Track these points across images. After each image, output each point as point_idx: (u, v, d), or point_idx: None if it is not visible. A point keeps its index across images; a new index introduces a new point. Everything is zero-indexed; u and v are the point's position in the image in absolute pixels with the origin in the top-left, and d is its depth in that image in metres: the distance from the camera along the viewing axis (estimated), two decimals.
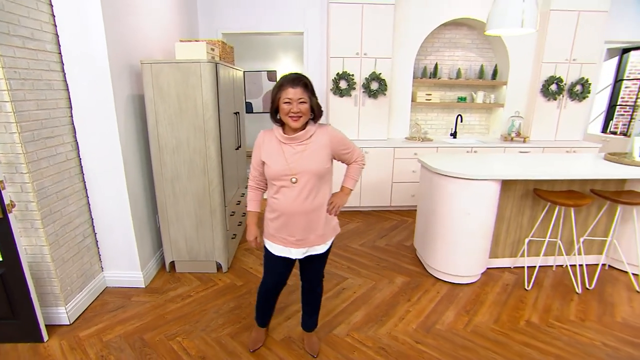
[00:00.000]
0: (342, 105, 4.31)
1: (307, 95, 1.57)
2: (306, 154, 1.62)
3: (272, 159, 1.64)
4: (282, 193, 1.66)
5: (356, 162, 1.82)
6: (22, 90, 2.01)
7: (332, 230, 1.81)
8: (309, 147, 1.63)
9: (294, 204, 1.65)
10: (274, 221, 1.73)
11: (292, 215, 1.67)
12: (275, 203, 1.70)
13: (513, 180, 2.86)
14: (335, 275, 2.94)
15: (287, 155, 1.62)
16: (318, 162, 1.63)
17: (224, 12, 4.31)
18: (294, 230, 1.70)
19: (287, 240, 1.72)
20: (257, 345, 2.10)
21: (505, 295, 2.68)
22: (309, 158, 1.62)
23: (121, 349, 2.07)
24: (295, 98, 1.54)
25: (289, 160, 1.62)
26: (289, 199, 1.65)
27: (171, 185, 2.73)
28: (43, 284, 2.21)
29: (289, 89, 1.54)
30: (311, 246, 1.75)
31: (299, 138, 1.62)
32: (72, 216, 2.37)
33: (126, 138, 2.53)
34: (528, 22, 2.27)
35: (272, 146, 1.66)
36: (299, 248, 1.73)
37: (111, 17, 2.34)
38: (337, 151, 1.71)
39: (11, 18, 1.95)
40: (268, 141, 1.68)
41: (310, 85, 1.60)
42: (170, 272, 2.93)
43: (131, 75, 2.61)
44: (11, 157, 2.01)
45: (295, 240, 1.71)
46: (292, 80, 1.55)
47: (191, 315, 2.40)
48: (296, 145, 1.63)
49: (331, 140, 1.67)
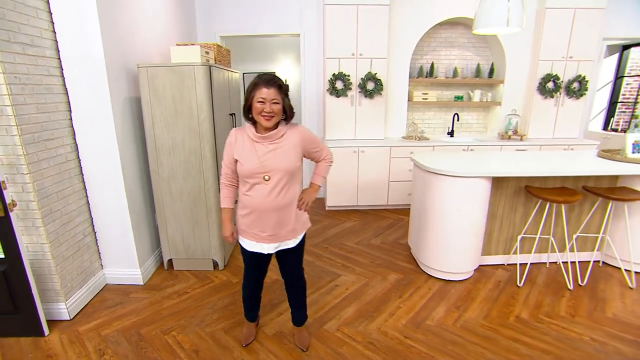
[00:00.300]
0: (338, 106, 4.36)
1: (281, 97, 1.62)
2: (278, 152, 1.68)
3: (245, 157, 1.69)
4: (255, 190, 1.71)
5: (325, 160, 1.91)
6: (22, 95, 2.10)
7: (303, 225, 1.87)
8: (280, 146, 1.69)
9: (266, 201, 1.70)
10: (246, 217, 1.78)
11: (264, 211, 1.72)
12: (247, 200, 1.74)
13: (505, 178, 2.89)
14: (329, 272, 2.99)
15: (260, 153, 1.68)
16: (290, 160, 1.70)
17: (221, 15, 4.40)
18: (266, 226, 1.75)
19: (258, 236, 1.78)
20: (248, 339, 2.15)
21: (497, 292, 2.71)
22: (281, 156, 1.68)
23: (118, 343, 2.15)
24: (269, 98, 1.59)
25: (261, 159, 1.67)
26: (261, 196, 1.70)
27: (168, 185, 2.81)
28: (44, 281, 2.29)
29: (264, 89, 1.59)
30: (282, 241, 1.81)
31: (271, 137, 1.68)
32: (72, 215, 2.46)
33: (123, 139, 2.62)
34: (513, 21, 2.29)
35: (245, 144, 1.71)
36: (271, 243, 1.79)
37: (108, 23, 2.43)
38: (308, 150, 1.80)
39: (11, 26, 2.04)
40: (240, 139, 1.73)
41: (284, 86, 1.66)
42: (168, 270, 3.01)
43: (128, 78, 2.69)
44: (12, 159, 2.09)
45: (267, 235, 1.77)
46: (266, 81, 1.60)
47: (187, 311, 2.47)
48: (268, 143, 1.69)
49: (302, 140, 1.75)
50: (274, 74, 1.68)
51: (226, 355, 2.06)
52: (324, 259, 3.22)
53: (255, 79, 1.64)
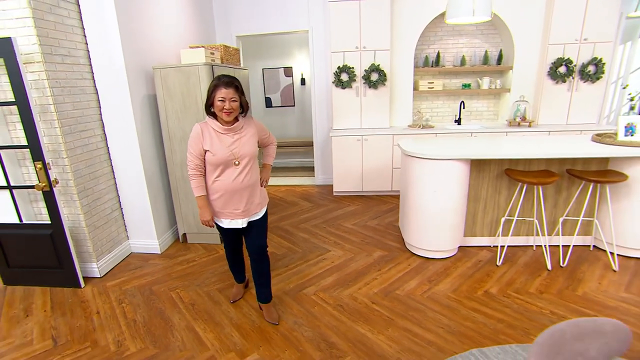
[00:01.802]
0: (344, 97, 4.61)
1: (238, 95, 1.91)
2: (243, 141, 2.00)
3: (215, 147, 1.94)
4: (225, 174, 1.99)
5: (272, 143, 2.31)
6: (62, 95, 2.64)
7: (265, 199, 2.24)
8: (243, 136, 2.01)
9: (237, 182, 2.01)
10: (219, 200, 2.04)
11: (236, 191, 2.02)
12: (218, 184, 2.01)
13: (487, 161, 3.00)
14: (321, 248, 3.31)
15: (228, 143, 1.96)
16: (252, 146, 2.04)
17: (237, 16, 4.81)
18: (239, 203, 2.05)
19: (233, 214, 2.07)
20: (236, 297, 2.55)
21: (474, 270, 2.86)
22: (246, 144, 2.01)
23: (133, 295, 2.65)
24: (228, 97, 1.87)
25: (230, 147, 1.96)
26: (232, 178, 2.00)
27: (180, 169, 3.28)
28: (80, 244, 2.86)
29: (223, 89, 1.86)
30: (253, 214, 2.14)
31: (234, 129, 1.98)
32: (102, 193, 3.01)
33: (142, 131, 3.11)
34: (479, 11, 2.42)
35: (212, 137, 1.95)
36: (244, 218, 2.10)
37: (127, 35, 2.91)
38: (261, 136, 2.17)
39: (53, 42, 2.57)
40: (207, 133, 1.95)
41: (240, 87, 1.95)
42: (182, 242, 3.50)
43: (146, 78, 3.18)
44: (55, 146, 2.65)
45: (240, 212, 2.07)
46: (225, 82, 1.88)
47: (191, 274, 2.92)
48: (233, 134, 1.98)
49: (258, 130, 2.12)
50: (231, 77, 1.94)
51: (216, 308, 2.47)
52: (319, 237, 3.54)
53: (215, 81, 1.91)
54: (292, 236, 3.59)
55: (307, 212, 4.23)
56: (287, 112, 6.29)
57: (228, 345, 2.12)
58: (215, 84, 1.90)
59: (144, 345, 2.15)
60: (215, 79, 1.93)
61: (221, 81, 1.89)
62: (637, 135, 2.88)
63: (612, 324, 1.13)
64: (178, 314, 2.43)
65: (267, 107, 6.24)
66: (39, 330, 2.32)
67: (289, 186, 5.32)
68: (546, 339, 1.05)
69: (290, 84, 6.09)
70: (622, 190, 2.85)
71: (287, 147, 6.11)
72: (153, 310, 2.48)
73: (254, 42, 5.95)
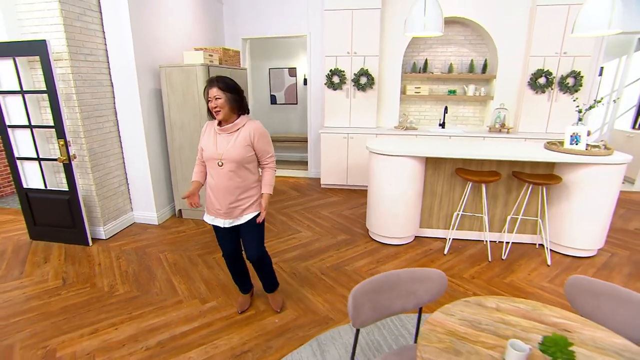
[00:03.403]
0: (335, 98, 5.03)
1: (222, 92, 1.90)
2: (231, 144, 1.96)
3: (206, 145, 2.03)
4: (211, 172, 2.04)
5: (268, 166, 2.11)
6: (83, 87, 3.23)
7: (253, 207, 2.10)
8: (234, 139, 1.97)
9: (220, 182, 2.00)
10: (207, 195, 2.11)
11: (218, 190, 2.02)
12: (208, 180, 2.08)
13: (442, 160, 3.35)
14: (293, 229, 3.76)
15: (219, 143, 1.98)
16: (239, 152, 1.95)
17: (243, 20, 5.33)
18: (220, 204, 2.04)
19: (217, 212, 2.08)
20: (243, 308, 2.43)
21: (422, 256, 3.23)
22: (233, 148, 1.96)
23: (129, 254, 3.21)
24: (212, 95, 1.91)
25: (218, 148, 1.98)
26: (216, 178, 2.01)
27: (179, 154, 3.82)
28: (91, 210, 3.45)
29: (208, 89, 1.92)
30: (235, 217, 2.08)
31: (227, 129, 1.98)
32: (112, 169, 3.60)
33: (148, 119, 3.68)
34: (430, 27, 2.79)
35: (210, 135, 2.04)
36: (225, 219, 2.07)
37: (139, 38, 3.46)
38: (256, 145, 2.01)
39: (78, 43, 3.15)
40: (208, 131, 2.06)
41: (226, 85, 1.92)
42: (178, 217, 4.06)
43: (154, 75, 3.74)
44: (75, 127, 3.24)
45: (222, 212, 2.06)
46: (210, 81, 1.93)
47: (179, 242, 3.46)
48: (226, 135, 1.99)
49: (252, 134, 1.99)
50: (219, 76, 1.95)
51: (192, 268, 2.98)
52: (295, 220, 3.99)
53: (206, 83, 1.96)
54: (272, 218, 4.07)
55: (292, 200, 4.69)
56: (289, 109, 6.77)
57: (195, 294, 2.62)
58: (205, 87, 1.97)
59: (130, 289, 2.69)
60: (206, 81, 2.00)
61: (208, 81, 1.95)
62: (581, 144, 3.14)
63: (437, 273, 1.52)
64: (161, 269, 2.96)
65: (271, 104, 6.75)
66: (53, 273, 2.92)
67: (283, 177, 5.80)
68: (384, 277, 1.46)
69: (293, 83, 6.57)
70: (562, 193, 3.13)
71: (288, 142, 6.60)
72: (142, 265, 3.02)
73: (262, 44, 6.46)
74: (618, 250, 3.31)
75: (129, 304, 2.51)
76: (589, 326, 1.23)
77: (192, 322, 2.31)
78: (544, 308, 1.34)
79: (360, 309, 1.35)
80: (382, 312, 1.43)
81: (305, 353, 2.05)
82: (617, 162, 2.92)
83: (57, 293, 2.65)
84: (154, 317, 2.36)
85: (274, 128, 7.00)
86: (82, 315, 2.39)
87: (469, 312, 1.30)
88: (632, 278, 2.85)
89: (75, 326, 2.28)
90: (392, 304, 1.45)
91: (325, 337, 2.18)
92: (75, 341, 2.15)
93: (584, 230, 3.08)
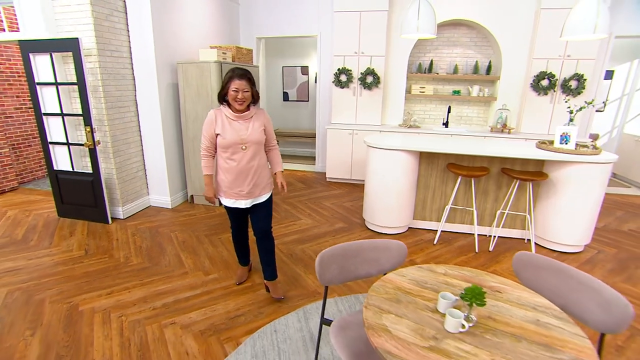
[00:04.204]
0: (342, 95, 5.25)
1: (249, 86, 2.09)
2: (251, 128, 2.18)
3: (226, 132, 2.14)
4: (234, 157, 2.17)
5: (274, 147, 2.39)
6: (108, 80, 3.58)
7: (269, 185, 2.38)
8: (252, 124, 2.19)
9: (242, 165, 2.18)
10: (225, 180, 2.23)
11: (241, 173, 2.19)
12: (226, 166, 2.20)
13: (435, 155, 3.52)
14: (295, 216, 4.02)
15: (237, 129, 2.15)
16: (259, 134, 2.21)
17: (258, 20, 5.62)
18: (243, 185, 2.22)
19: (238, 195, 2.24)
20: (241, 279, 2.70)
21: (412, 245, 3.42)
22: (253, 132, 2.18)
23: (144, 232, 3.55)
24: (241, 88, 2.05)
25: (239, 133, 2.15)
26: (239, 162, 2.17)
27: (192, 143, 4.14)
28: (111, 192, 3.82)
29: (237, 80, 2.04)
30: (256, 196, 2.30)
31: (244, 116, 2.17)
32: (131, 155, 3.95)
33: (165, 110, 4.01)
34: (423, 29, 2.98)
35: (224, 122, 2.14)
36: (247, 199, 2.27)
37: (159, 36, 3.80)
38: (267, 129, 2.29)
39: (105, 41, 3.51)
40: (220, 118, 2.15)
41: (252, 78, 2.12)
42: (190, 202, 4.39)
43: (171, 70, 4.07)
44: (100, 116, 3.60)
45: (245, 193, 2.24)
46: (239, 75, 2.05)
47: (189, 224, 3.77)
48: (243, 121, 2.17)
49: (266, 122, 2.28)
50: (244, 69, 2.11)
51: (199, 245, 3.28)
52: (298, 209, 4.25)
53: (230, 72, 2.08)
54: (277, 206, 4.34)
55: (297, 191, 4.95)
56: (301, 106, 7.04)
57: (199, 267, 2.92)
58: (230, 76, 2.08)
59: (142, 261, 3.01)
60: (229, 71, 2.10)
61: (235, 73, 2.06)
62: (570, 143, 3.25)
63: (397, 244, 1.74)
64: (171, 246, 3.27)
65: (284, 100, 7.03)
66: (77, 245, 3.28)
67: (291, 171, 6.07)
68: (349, 245, 1.69)
69: (305, 81, 6.82)
70: (550, 190, 3.26)
71: (298, 137, 6.87)
72: (155, 242, 3.35)
73: (276, 43, 6.74)
74: (606, 248, 3.40)
75: (141, 272, 2.83)
76: (518, 289, 1.43)
77: (195, 290, 2.61)
78: (486, 275, 1.54)
79: (327, 269, 1.59)
80: (347, 275, 1.66)
81: (292, 319, 2.30)
82: (603, 162, 3.03)
83: (80, 261, 3.00)
84: (162, 284, 2.67)
85: (285, 124, 7.28)
86: (101, 279, 2.73)
87: (418, 275, 1.52)
88: (612, 273, 2.96)
89: (95, 288, 2.61)
90: (357, 269, 1.68)
91: (311, 307, 2.42)
92: (94, 299, 2.48)
93: (570, 226, 3.20)
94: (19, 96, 5.10)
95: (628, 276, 2.91)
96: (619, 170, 5.86)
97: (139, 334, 2.15)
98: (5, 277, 2.73)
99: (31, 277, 2.74)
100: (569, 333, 1.18)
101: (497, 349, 1.11)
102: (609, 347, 2.12)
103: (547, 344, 1.13)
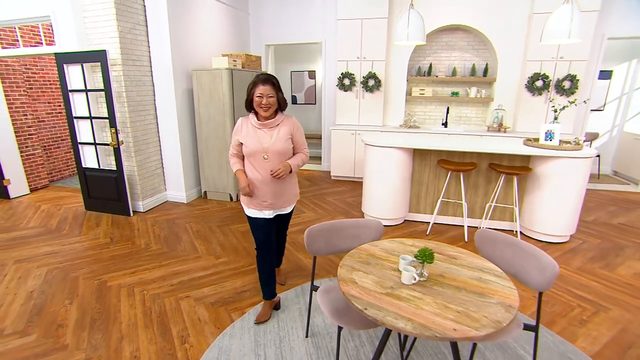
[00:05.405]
0: (346, 98, 5.56)
1: (274, 91, 2.00)
2: (275, 137, 2.07)
3: (248, 140, 2.07)
4: (256, 166, 2.09)
5: (302, 152, 2.22)
6: (130, 86, 3.99)
7: (294, 197, 2.29)
8: (276, 132, 2.08)
9: (264, 175, 2.08)
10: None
11: (263, 183, 2.09)
12: (249, 174, 2.12)
13: (428, 151, 3.79)
14: (300, 210, 4.34)
15: (261, 137, 2.07)
16: (283, 144, 2.08)
17: (266, 28, 6.00)
18: (267, 196, 2.13)
19: (261, 205, 2.14)
20: (261, 319, 2.27)
21: (404, 235, 3.68)
22: (277, 141, 2.07)
23: (162, 223, 3.93)
24: (265, 93, 1.97)
25: (261, 142, 2.05)
26: (261, 171, 2.08)
27: (205, 143, 4.52)
28: (133, 188, 4.22)
29: (261, 86, 1.97)
30: (280, 208, 2.22)
31: (269, 124, 2.07)
32: (151, 154, 4.35)
33: (181, 113, 4.40)
34: (412, 37, 3.27)
35: (248, 130, 2.09)
36: (271, 210, 2.18)
37: (176, 46, 4.20)
38: (295, 138, 2.15)
39: (128, 51, 3.92)
40: (245, 126, 2.11)
41: (276, 83, 2.03)
42: (203, 198, 4.76)
43: (187, 77, 4.47)
44: (123, 119, 4.01)
45: (268, 204, 2.14)
46: (263, 79, 1.98)
47: (203, 216, 4.14)
48: (267, 129, 2.08)
49: (294, 131, 2.14)
50: (268, 74, 2.04)
51: (211, 234, 3.64)
52: (303, 204, 4.57)
53: (254, 78, 2.02)
54: None
55: (303, 188, 5.27)
56: (309, 108, 7.38)
57: (211, 252, 3.26)
58: (254, 82, 2.01)
59: (161, 247, 3.38)
60: (254, 77, 2.04)
61: (259, 78, 1.99)
62: (554, 140, 3.47)
63: (375, 222, 2.04)
64: (187, 235, 3.64)
65: (292, 103, 7.40)
66: (103, 234, 3.68)
67: (298, 170, 6.40)
68: (333, 222, 1.99)
69: (312, 85, 7.17)
70: (535, 183, 3.48)
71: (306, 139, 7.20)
72: (171, 232, 3.72)
73: (285, 49, 7.12)
74: (591, 239, 3.59)
75: (159, 256, 3.20)
76: (472, 257, 1.71)
77: (207, 270, 2.95)
78: (447, 247, 1.82)
79: (314, 241, 1.90)
80: (332, 248, 1.96)
81: (290, 295, 2.61)
82: (584, 156, 3.24)
83: (106, 247, 3.39)
84: (178, 266, 3.02)
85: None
86: (125, 262, 3.10)
87: (389, 246, 1.81)
88: (591, 260, 3.16)
89: (120, 268, 2.99)
90: (341, 243, 1.98)
91: (308, 285, 2.73)
92: (120, 277, 2.85)
93: (555, 217, 3.41)
94: (50, 102, 5.61)
95: (606, 263, 3.11)
96: (619, 167, 5.97)
97: (159, 305, 2.50)
98: (45, 259, 3.14)
99: (66, 259, 3.14)
100: (502, 286, 1.46)
101: (441, 295, 1.39)
102: (574, 320, 2.35)
103: (481, 293, 1.41)
